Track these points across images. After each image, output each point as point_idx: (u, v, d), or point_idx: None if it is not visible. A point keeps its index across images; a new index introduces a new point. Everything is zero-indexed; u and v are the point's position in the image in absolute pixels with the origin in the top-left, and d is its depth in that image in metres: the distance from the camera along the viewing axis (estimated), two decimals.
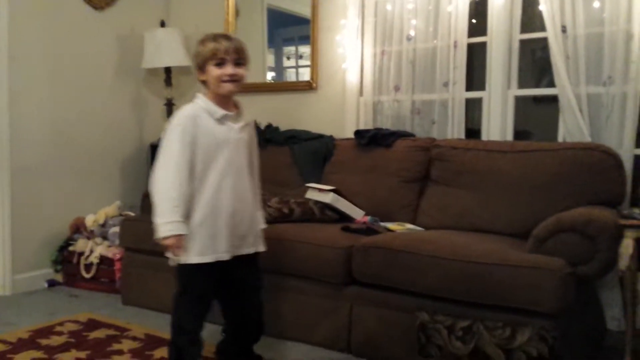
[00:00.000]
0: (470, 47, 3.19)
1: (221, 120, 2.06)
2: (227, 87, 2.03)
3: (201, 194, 2.04)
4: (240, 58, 2.06)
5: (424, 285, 2.27)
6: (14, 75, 3.43)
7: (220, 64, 2.03)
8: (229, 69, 2.03)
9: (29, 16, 3.51)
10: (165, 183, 1.99)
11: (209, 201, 2.04)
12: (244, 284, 2.23)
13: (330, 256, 2.52)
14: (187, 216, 2.02)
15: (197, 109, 2.06)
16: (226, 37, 2.08)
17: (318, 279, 2.57)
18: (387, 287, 2.39)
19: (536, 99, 3.69)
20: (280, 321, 2.68)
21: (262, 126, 3.68)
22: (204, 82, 2.10)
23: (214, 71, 2.03)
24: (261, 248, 2.24)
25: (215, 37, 2.06)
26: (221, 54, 2.02)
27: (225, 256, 2.08)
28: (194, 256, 2.04)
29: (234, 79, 2.03)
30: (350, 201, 2.99)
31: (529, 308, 2.03)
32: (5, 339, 2.66)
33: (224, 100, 2.08)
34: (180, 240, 2.00)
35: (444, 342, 2.04)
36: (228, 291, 2.23)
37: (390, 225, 2.79)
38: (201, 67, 2.07)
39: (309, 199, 3.01)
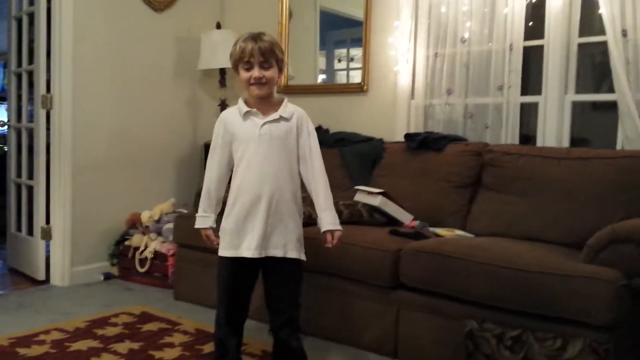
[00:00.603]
0: (527, 50, 3.13)
1: (245, 116, 2.06)
2: (254, 90, 2.03)
3: (230, 189, 2.08)
4: (266, 61, 2.01)
5: (472, 293, 2.25)
6: (77, 75, 3.58)
7: (248, 67, 2.03)
8: (255, 72, 2.01)
9: (92, 17, 3.65)
10: (204, 181, 2.16)
11: (233, 196, 2.06)
12: (268, 290, 2.14)
13: (378, 259, 2.52)
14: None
15: (232, 111, 2.13)
16: (254, 38, 2.02)
17: (365, 282, 2.58)
18: (435, 292, 2.37)
19: (595, 106, 3.58)
20: (327, 322, 2.70)
21: None
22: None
23: (242, 74, 2.05)
24: (290, 254, 2.05)
25: (245, 39, 2.03)
26: (247, 56, 2.01)
27: (245, 253, 2.01)
28: (220, 249, 2.09)
29: (259, 82, 2.01)
30: (399, 205, 2.99)
31: (581, 319, 1.99)
32: (63, 328, 2.78)
33: (259, 101, 2.06)
34: (207, 233, 2.13)
35: (492, 351, 2.02)
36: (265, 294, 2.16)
37: (440, 231, 2.78)
38: (235, 69, 2.09)
39: (358, 202, 3.02)
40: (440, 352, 2.34)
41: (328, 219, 2.09)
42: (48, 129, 3.60)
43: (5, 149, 4.35)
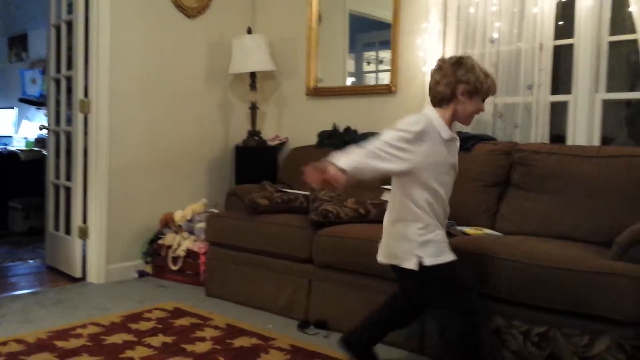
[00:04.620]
0: (557, 49, 3.11)
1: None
2: (469, 121, 2.14)
3: None
4: None
5: (499, 289, 2.24)
6: (114, 80, 3.69)
7: (482, 99, 2.10)
8: (483, 106, 2.12)
9: (128, 25, 3.77)
10: None
11: None
12: None
13: None
14: None
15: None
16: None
17: (393, 279, 2.58)
18: None
19: (629, 104, 3.52)
20: (354, 319, 2.72)
21: (341, 129, 3.76)
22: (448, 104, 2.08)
23: (476, 104, 2.08)
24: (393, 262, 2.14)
25: (488, 75, 2.11)
26: (491, 92, 2.11)
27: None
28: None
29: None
30: None
31: (608, 316, 1.97)
32: (99, 322, 2.87)
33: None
34: None
35: (518, 347, 2.01)
36: None
37: (468, 230, 2.77)
38: (468, 95, 2.07)
39: (385, 200, 3.03)
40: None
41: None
42: (85, 132, 3.71)
43: (44, 152, 4.50)
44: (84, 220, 3.73)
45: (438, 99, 2.07)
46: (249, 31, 4.24)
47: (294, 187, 3.50)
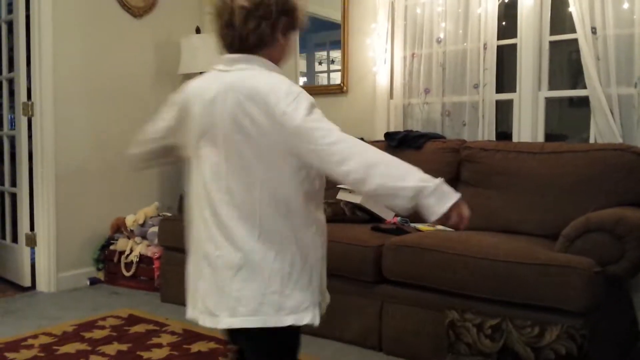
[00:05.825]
0: (500, 49, 3.22)
1: None
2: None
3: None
4: None
5: (452, 284, 2.31)
6: (58, 82, 3.59)
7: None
8: None
9: (72, 25, 3.67)
10: (374, 149, 1.32)
11: None
12: None
13: (361, 255, 2.57)
14: None
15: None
16: None
17: (349, 277, 2.63)
18: (417, 285, 2.44)
19: (572, 102, 3.68)
20: None
21: None
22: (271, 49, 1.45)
23: (292, 41, 1.49)
24: None
25: None
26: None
27: None
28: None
29: None
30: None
31: (557, 307, 2.06)
32: (51, 332, 2.80)
33: None
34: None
35: (472, 340, 2.08)
36: None
37: (420, 226, 2.84)
38: (284, 31, 1.46)
39: (340, 200, 3.07)
40: (422, 342, 2.41)
41: None
42: (30, 136, 3.61)
43: None
44: (32, 228, 3.62)
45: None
46: (198, 31, 4.20)
47: None
